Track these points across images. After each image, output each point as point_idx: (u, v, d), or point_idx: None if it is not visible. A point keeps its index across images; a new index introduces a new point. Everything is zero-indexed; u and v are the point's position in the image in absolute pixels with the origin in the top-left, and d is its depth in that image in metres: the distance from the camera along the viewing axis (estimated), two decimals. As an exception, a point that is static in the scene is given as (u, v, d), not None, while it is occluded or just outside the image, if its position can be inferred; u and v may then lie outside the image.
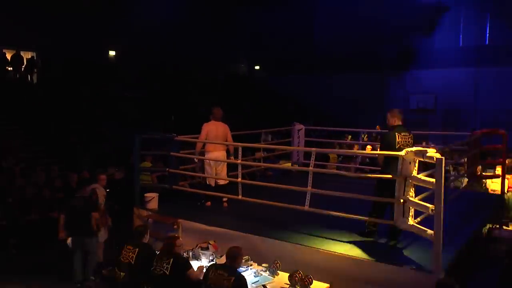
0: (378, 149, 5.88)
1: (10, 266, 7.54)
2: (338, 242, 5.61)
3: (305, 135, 10.17)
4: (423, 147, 5.23)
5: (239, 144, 7.07)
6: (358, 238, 5.72)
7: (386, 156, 5.51)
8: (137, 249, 5.25)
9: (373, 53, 19.94)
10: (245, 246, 5.71)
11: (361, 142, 10.09)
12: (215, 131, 7.30)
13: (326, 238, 5.74)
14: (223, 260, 5.13)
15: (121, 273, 5.24)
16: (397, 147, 5.49)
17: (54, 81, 16.47)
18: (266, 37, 23.78)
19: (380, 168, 5.75)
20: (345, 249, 5.39)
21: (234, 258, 4.66)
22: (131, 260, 5.20)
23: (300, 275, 4.88)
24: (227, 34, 23.61)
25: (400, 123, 5.74)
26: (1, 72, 15.95)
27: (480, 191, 9.00)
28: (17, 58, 16.49)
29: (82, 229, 6.77)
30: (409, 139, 5.59)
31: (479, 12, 19.39)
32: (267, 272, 5.28)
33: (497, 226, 7.45)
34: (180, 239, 5.55)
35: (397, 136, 5.56)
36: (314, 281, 4.88)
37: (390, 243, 5.58)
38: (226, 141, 7.39)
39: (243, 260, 5.42)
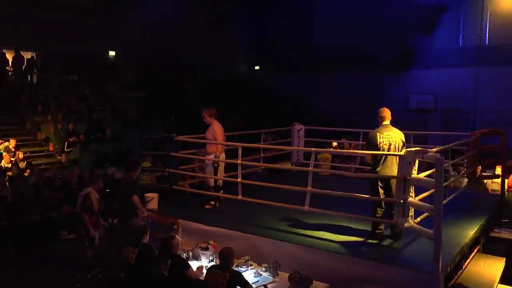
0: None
1: (10, 266, 7.53)
2: (338, 242, 5.60)
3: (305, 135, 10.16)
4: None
5: (239, 144, 7.07)
6: (358, 238, 5.72)
7: (373, 156, 5.55)
8: (136, 250, 5.25)
9: (373, 53, 19.92)
10: (245, 246, 5.73)
11: (360, 142, 10.09)
12: (222, 131, 7.31)
13: (326, 238, 5.73)
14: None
15: (121, 273, 5.24)
16: (379, 147, 5.49)
17: (54, 81, 16.44)
18: (266, 37, 23.78)
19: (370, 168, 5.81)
20: (345, 249, 5.39)
21: (227, 257, 4.73)
22: (131, 261, 5.20)
23: (300, 275, 4.88)
24: (227, 34, 23.62)
25: (385, 122, 5.68)
26: (1, 72, 15.92)
27: (480, 191, 9.00)
28: (17, 58, 16.48)
29: None
30: (394, 139, 5.51)
31: (479, 12, 19.36)
32: (267, 272, 5.27)
33: (497, 226, 7.45)
34: (177, 237, 5.55)
35: (378, 136, 5.54)
36: (314, 281, 4.88)
37: (391, 243, 5.58)
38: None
39: (243, 260, 5.44)
